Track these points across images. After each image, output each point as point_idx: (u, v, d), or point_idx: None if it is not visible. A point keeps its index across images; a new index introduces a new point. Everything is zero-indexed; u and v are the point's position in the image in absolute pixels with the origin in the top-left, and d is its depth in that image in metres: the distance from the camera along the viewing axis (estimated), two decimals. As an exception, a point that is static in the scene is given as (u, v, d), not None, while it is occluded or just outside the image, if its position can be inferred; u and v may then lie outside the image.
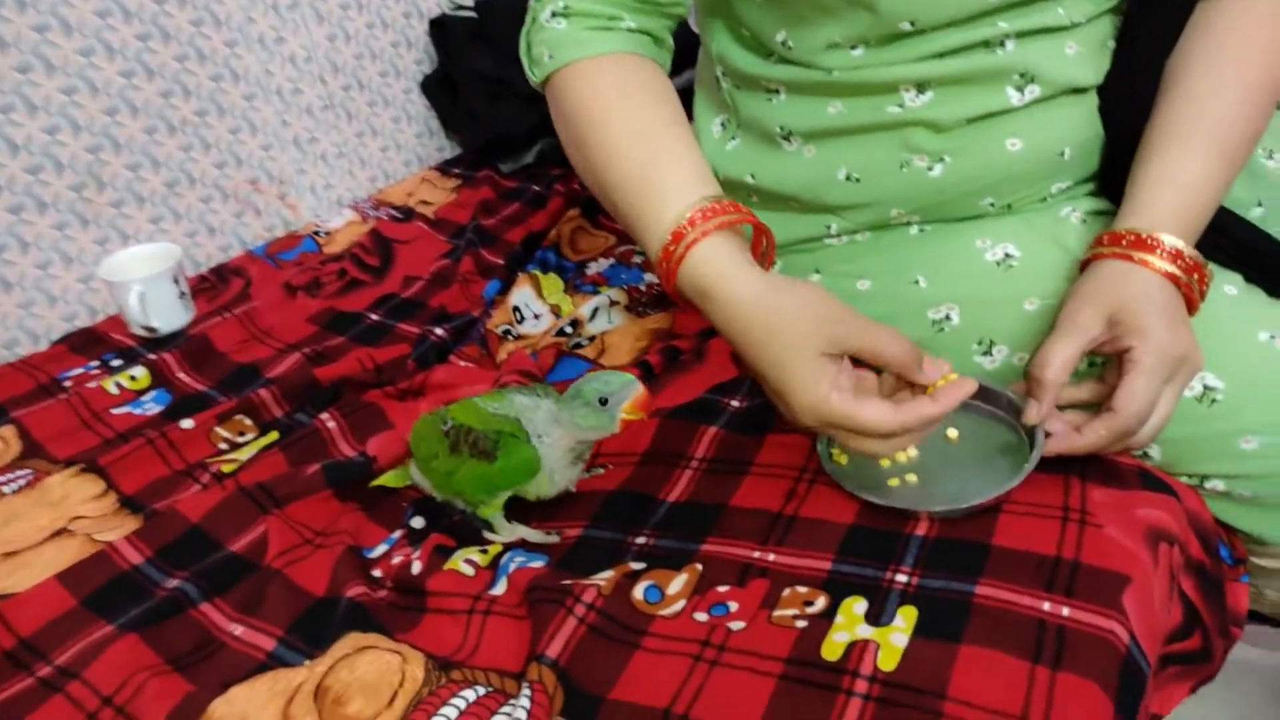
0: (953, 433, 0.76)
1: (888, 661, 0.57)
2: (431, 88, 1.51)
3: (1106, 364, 0.70)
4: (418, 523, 0.77)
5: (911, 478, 0.73)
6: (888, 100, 0.77)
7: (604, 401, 0.68)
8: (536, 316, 1.06)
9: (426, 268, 1.19)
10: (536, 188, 1.36)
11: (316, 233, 1.32)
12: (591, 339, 0.99)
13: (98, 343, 1.10)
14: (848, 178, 0.80)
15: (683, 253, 0.68)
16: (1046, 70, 0.73)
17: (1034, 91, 0.74)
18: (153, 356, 1.03)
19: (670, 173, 0.72)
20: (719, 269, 0.68)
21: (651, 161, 0.73)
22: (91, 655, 0.66)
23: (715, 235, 0.68)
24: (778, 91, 0.82)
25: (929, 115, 0.76)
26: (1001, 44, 0.73)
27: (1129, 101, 0.74)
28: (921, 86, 0.75)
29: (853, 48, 0.75)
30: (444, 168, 1.51)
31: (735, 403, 0.85)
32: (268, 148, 1.32)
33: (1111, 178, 0.76)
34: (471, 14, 1.49)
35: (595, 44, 0.76)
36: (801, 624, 0.61)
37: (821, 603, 0.63)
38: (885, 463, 0.74)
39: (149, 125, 1.19)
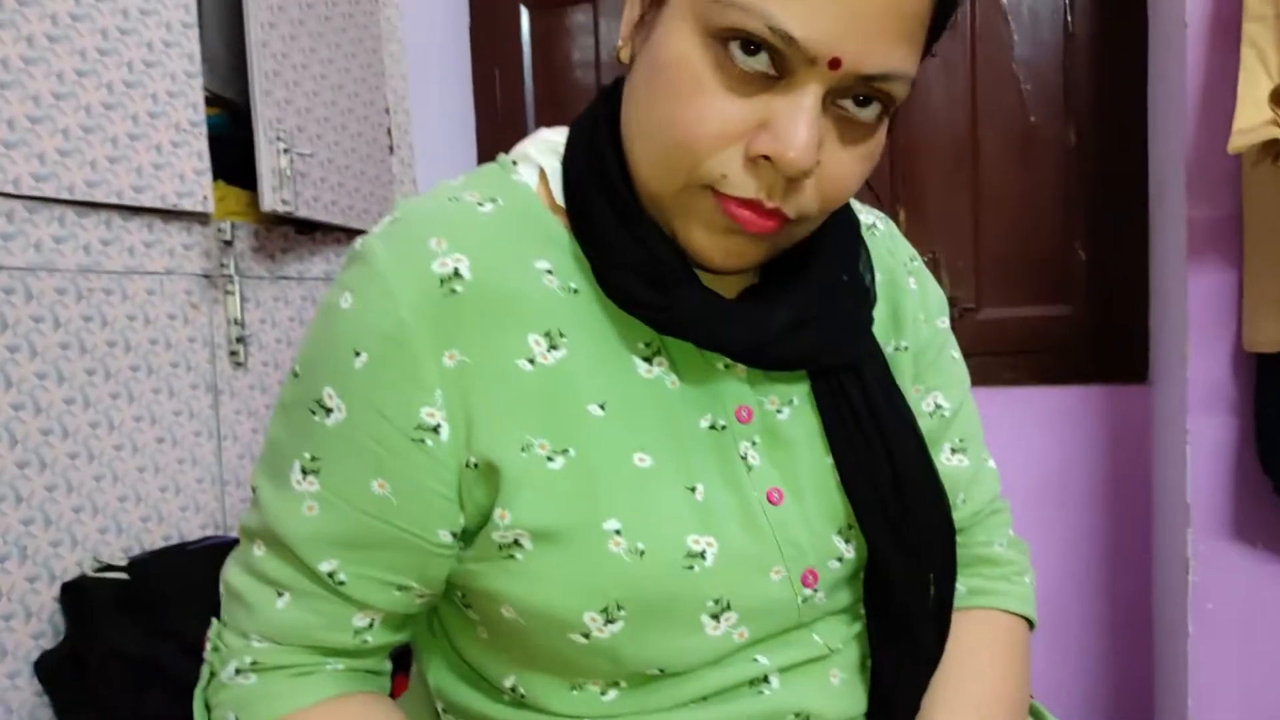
0: None
1: None
2: (50, 666, 1.05)
3: None
4: None
5: None
6: None
7: None
8: None
9: None
10: None
11: None
12: None
13: None
14: None
15: None
16: (818, 706, 0.63)
17: None
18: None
19: None
20: None
21: None
22: None
23: None
24: None
25: None
26: (765, 680, 0.62)
27: None
28: None
29: (603, 692, 0.61)
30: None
31: None
32: None
33: None
34: (121, 575, 1.08)
35: (298, 694, 0.59)
36: None
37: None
38: None
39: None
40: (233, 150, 1.29)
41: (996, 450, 1.82)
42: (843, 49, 0.49)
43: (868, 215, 0.72)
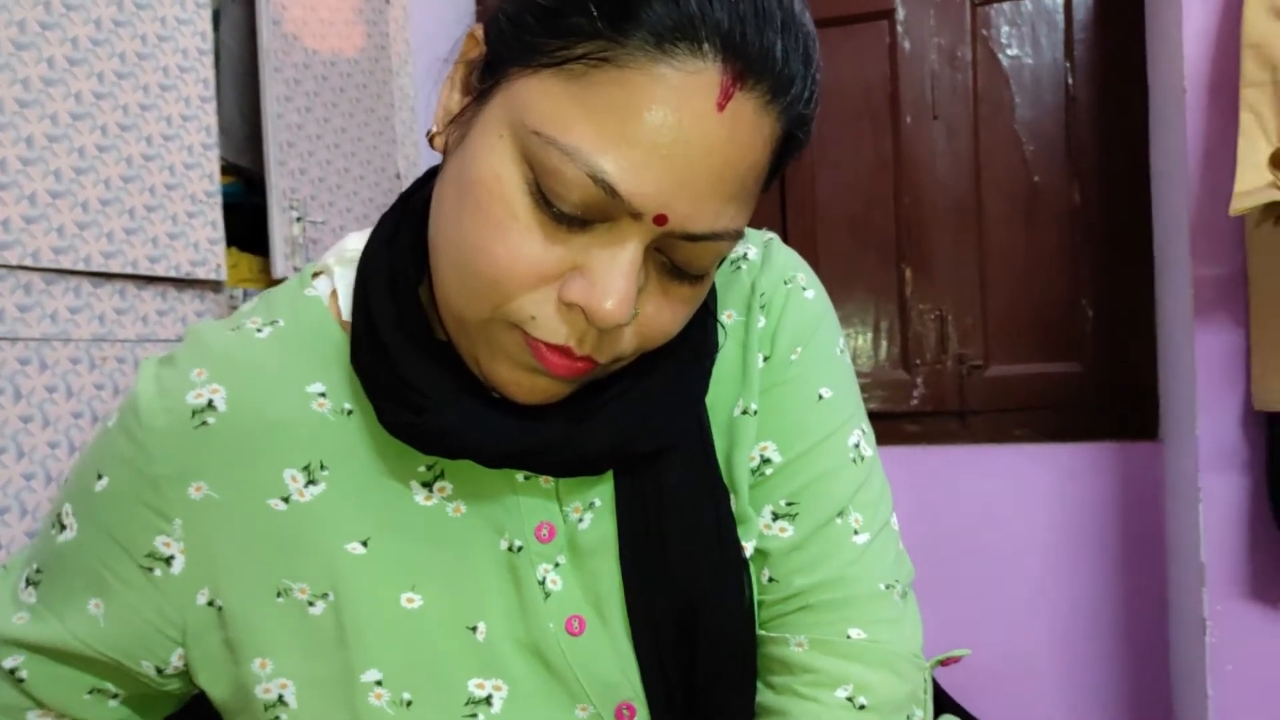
0: None
1: None
2: None
3: None
4: None
5: None
6: None
7: None
8: None
9: None
10: None
11: None
12: None
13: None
14: None
15: None
16: None
17: None
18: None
19: None
20: None
21: None
22: None
23: None
24: None
25: None
26: None
27: None
28: None
29: None
30: None
31: None
32: None
33: None
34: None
35: None
36: None
37: None
38: None
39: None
40: (245, 217, 1.31)
41: (1008, 508, 1.80)
42: (671, 207, 0.44)
43: (741, 245, 0.62)
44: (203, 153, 1.15)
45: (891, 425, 1.71)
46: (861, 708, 0.55)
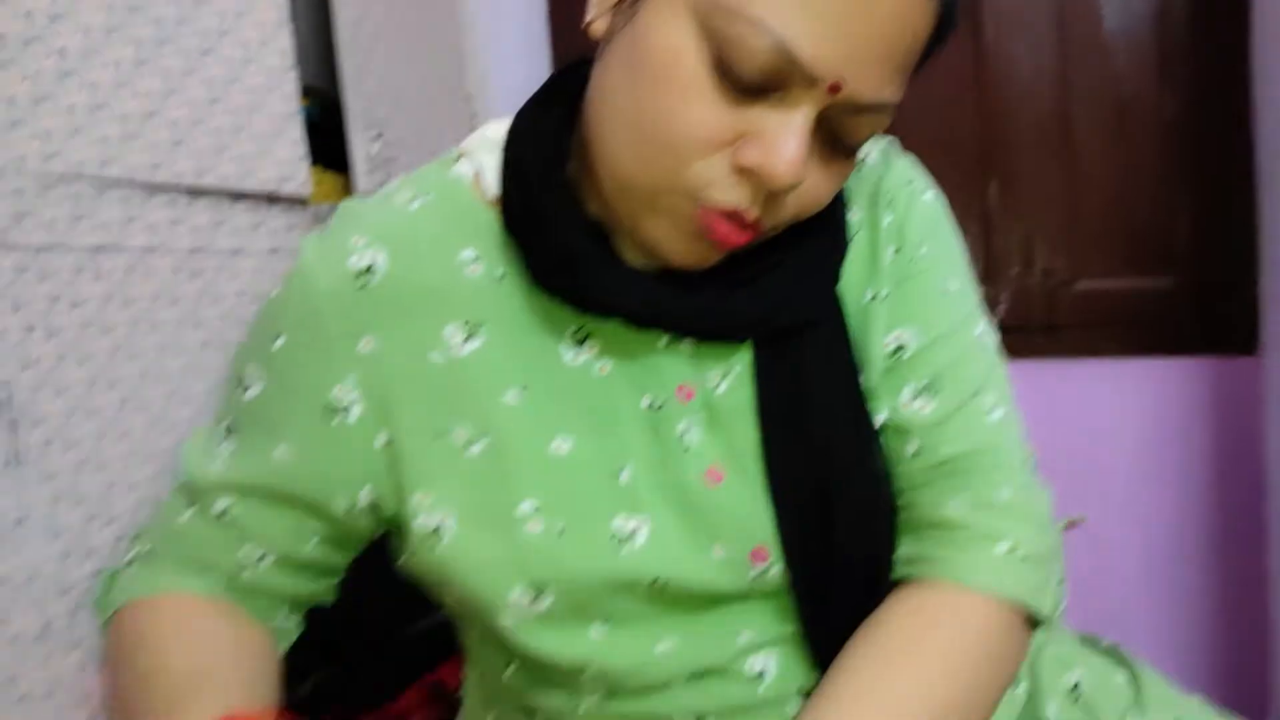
0: None
1: None
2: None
3: None
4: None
5: None
6: None
7: None
8: None
9: None
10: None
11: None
12: None
13: None
14: None
15: None
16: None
17: None
18: None
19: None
20: None
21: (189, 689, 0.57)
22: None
23: None
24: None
25: None
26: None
27: None
28: None
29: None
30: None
31: None
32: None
33: None
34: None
35: (156, 583, 0.65)
36: None
37: None
38: None
39: None
40: (324, 137, 1.34)
41: (1097, 422, 1.76)
42: (844, 74, 0.48)
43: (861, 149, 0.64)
44: (282, 75, 1.16)
45: (973, 343, 1.68)
46: (1024, 559, 0.59)
